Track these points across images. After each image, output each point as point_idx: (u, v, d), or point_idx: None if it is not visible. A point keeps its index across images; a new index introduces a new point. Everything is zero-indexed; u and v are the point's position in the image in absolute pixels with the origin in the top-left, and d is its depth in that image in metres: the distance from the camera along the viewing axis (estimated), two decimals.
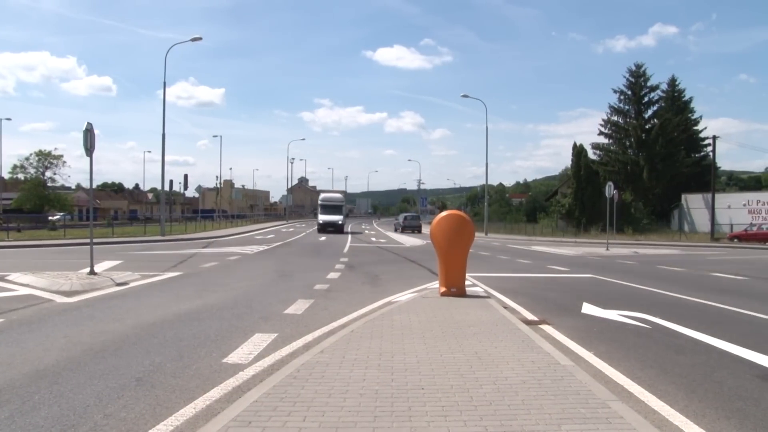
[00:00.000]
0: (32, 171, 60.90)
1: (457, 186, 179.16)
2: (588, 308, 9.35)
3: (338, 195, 45.64)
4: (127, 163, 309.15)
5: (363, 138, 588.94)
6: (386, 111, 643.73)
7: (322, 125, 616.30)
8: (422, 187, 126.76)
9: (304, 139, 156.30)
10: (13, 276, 12.13)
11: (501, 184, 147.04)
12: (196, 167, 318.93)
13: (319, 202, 43.07)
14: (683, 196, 50.07)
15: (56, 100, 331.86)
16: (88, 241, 14.42)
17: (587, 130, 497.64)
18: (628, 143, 55.49)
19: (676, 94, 56.49)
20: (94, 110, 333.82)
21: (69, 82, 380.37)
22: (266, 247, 25.73)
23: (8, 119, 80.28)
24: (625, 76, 55.62)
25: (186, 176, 59.09)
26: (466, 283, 10.19)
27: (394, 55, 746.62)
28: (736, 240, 37.46)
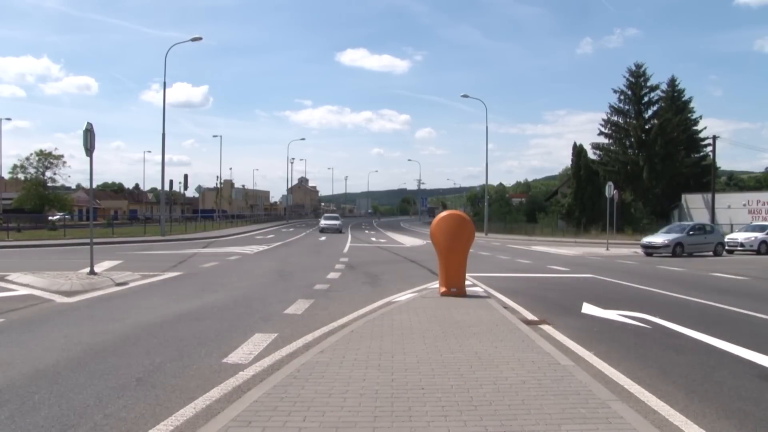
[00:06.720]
0: (32, 171, 60.87)
1: (457, 186, 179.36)
2: (588, 308, 9.34)
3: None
4: (116, 163, 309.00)
5: (349, 138, 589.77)
6: (371, 110, 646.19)
7: (307, 125, 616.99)
8: (422, 187, 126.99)
9: (303, 139, 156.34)
10: (13, 276, 12.13)
11: (501, 184, 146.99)
12: (190, 167, 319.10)
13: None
14: (683, 196, 49.99)
15: (37, 98, 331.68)
16: (88, 241, 14.42)
17: (575, 129, 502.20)
18: (628, 143, 55.37)
19: (675, 94, 56.32)
20: (78, 110, 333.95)
21: (47, 82, 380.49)
22: (266, 247, 25.74)
23: (8, 119, 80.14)
24: (624, 76, 55.49)
25: (186, 176, 58.95)
26: (466, 283, 10.19)
27: (381, 55, 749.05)
28: None
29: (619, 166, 53.33)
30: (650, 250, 24.80)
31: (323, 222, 48.64)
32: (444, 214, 9.97)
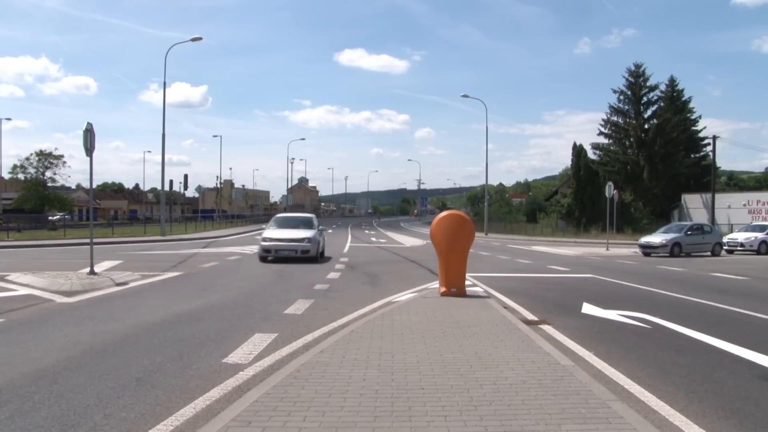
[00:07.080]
0: (32, 171, 60.88)
1: (457, 186, 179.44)
2: (588, 308, 9.34)
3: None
4: (116, 163, 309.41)
5: (349, 138, 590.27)
6: (370, 110, 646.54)
7: (306, 125, 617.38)
8: (422, 187, 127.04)
9: (303, 139, 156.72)
10: (13, 276, 12.13)
11: (501, 184, 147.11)
12: (190, 167, 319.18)
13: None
14: (683, 196, 50.04)
15: (36, 98, 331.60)
16: (88, 241, 14.42)
17: (575, 129, 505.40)
18: (627, 143, 55.46)
19: (675, 94, 56.32)
20: (78, 110, 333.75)
21: (46, 82, 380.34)
22: None
23: (8, 119, 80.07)
24: (624, 76, 55.58)
25: (186, 176, 59.10)
26: (466, 283, 10.19)
27: (380, 54, 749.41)
28: None
29: (619, 166, 53.38)
30: (648, 250, 24.81)
31: (268, 237, 18.12)
32: (444, 214, 9.97)
